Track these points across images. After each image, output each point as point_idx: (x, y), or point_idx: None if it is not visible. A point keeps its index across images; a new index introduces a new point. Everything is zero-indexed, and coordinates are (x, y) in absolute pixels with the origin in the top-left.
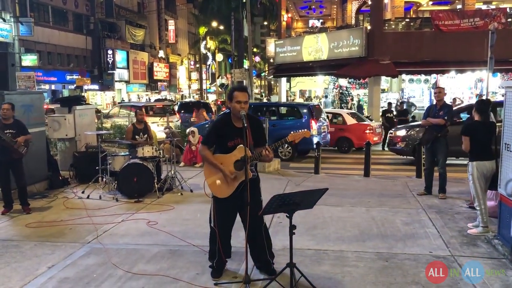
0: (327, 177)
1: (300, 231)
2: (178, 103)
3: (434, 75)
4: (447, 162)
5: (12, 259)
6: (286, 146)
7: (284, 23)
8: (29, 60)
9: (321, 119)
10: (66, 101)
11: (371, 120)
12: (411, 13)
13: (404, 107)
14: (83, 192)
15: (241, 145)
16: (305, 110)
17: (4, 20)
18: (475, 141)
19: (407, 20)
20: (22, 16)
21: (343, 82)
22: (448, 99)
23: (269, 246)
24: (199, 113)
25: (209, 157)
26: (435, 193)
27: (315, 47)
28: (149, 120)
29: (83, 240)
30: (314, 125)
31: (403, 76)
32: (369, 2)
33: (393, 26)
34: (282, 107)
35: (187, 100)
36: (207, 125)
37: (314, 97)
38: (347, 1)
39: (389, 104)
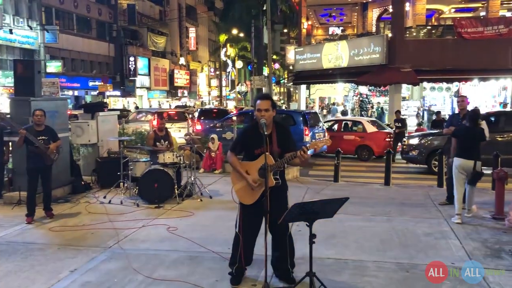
0: (346, 185)
1: (319, 239)
2: (199, 109)
3: (456, 83)
4: None
5: (36, 262)
6: None
7: (304, 31)
8: (53, 66)
9: (318, 126)
10: (89, 107)
11: (391, 128)
12: (433, 20)
13: (425, 116)
14: (104, 197)
15: (266, 153)
16: (299, 118)
17: (31, 28)
18: (461, 142)
19: (429, 27)
20: (47, 24)
21: (363, 89)
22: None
23: (292, 255)
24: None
25: (235, 164)
26: None
27: (335, 54)
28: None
29: (105, 244)
30: (308, 133)
31: (424, 84)
32: (390, 10)
33: (414, 34)
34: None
35: (207, 107)
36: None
37: (331, 104)
38: (367, 8)
39: (397, 112)
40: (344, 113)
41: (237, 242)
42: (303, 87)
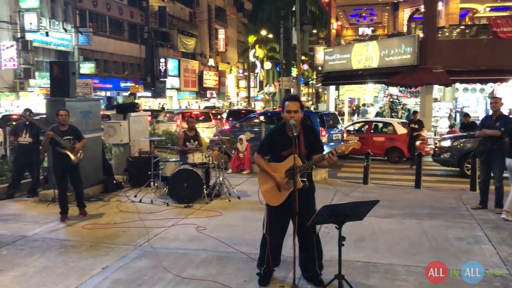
0: (376, 188)
1: (348, 242)
2: (227, 110)
3: (490, 84)
4: (504, 175)
5: (69, 258)
6: None
7: (333, 31)
8: (87, 68)
9: (336, 127)
10: (121, 108)
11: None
12: (467, 20)
13: (471, 120)
14: (135, 196)
15: (294, 154)
16: (316, 119)
17: (65, 30)
18: None
19: (462, 27)
20: (81, 27)
21: (393, 90)
22: (505, 110)
23: (320, 257)
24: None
25: (262, 165)
26: (491, 207)
27: (365, 55)
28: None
29: (135, 243)
30: (324, 133)
31: (457, 85)
32: (422, 10)
33: (447, 34)
34: None
35: (236, 107)
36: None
37: (362, 105)
38: (399, 8)
39: (415, 112)
40: (379, 114)
41: (265, 243)
42: (332, 88)
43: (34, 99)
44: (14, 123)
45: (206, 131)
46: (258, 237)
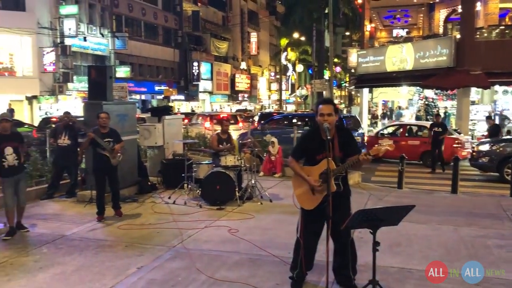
0: (411, 193)
1: (382, 247)
2: (259, 113)
3: None
4: None
5: (106, 258)
6: None
7: (367, 33)
8: (122, 71)
9: (357, 130)
10: (156, 111)
11: (459, 133)
12: (507, 20)
13: (497, 122)
14: (169, 198)
15: (328, 158)
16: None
17: (102, 35)
18: None
19: (502, 27)
20: (118, 32)
21: (429, 93)
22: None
23: (354, 262)
24: None
25: (296, 168)
26: None
27: (400, 57)
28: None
29: (169, 244)
30: None
31: (496, 87)
32: (459, 10)
33: (485, 34)
34: (308, 117)
35: (267, 110)
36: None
37: (395, 108)
38: (434, 9)
39: (437, 115)
40: (419, 118)
41: (298, 247)
42: (366, 90)
43: (72, 102)
44: (53, 125)
45: (233, 134)
46: (290, 240)
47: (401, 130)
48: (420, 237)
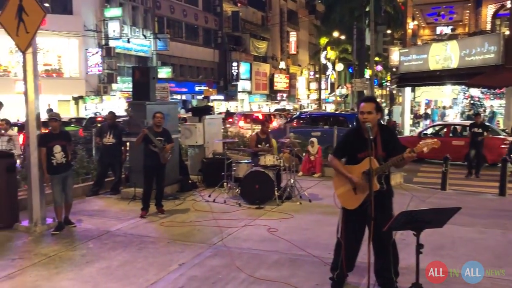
0: (455, 194)
1: (425, 250)
2: (298, 113)
3: None
4: None
5: (149, 254)
6: None
7: (409, 31)
8: (164, 72)
9: None
10: (197, 111)
11: (507, 133)
12: None
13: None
14: (209, 196)
15: (370, 157)
16: (353, 121)
17: (145, 37)
18: None
19: None
20: (160, 33)
21: (475, 92)
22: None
23: (396, 264)
24: None
25: (338, 167)
26: None
27: (444, 55)
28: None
29: (210, 241)
30: None
31: None
32: (509, 5)
33: None
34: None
35: (306, 110)
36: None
37: (439, 107)
38: (481, 5)
39: (477, 115)
40: (469, 118)
41: (339, 247)
42: (408, 89)
43: (116, 102)
44: (99, 124)
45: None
46: (330, 241)
47: (445, 130)
48: (465, 240)
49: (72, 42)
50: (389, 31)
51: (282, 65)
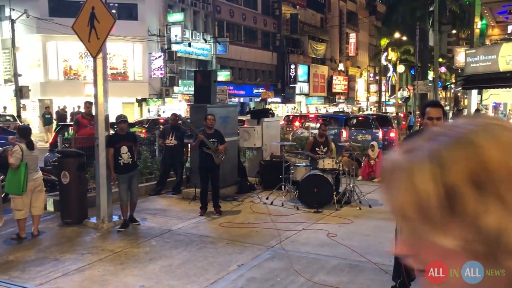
0: None
1: None
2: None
3: None
4: None
5: (208, 253)
6: None
7: (477, 31)
8: (223, 75)
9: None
10: (256, 113)
11: None
12: None
13: None
14: (267, 198)
15: None
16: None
17: (205, 41)
18: None
19: None
20: (219, 37)
21: None
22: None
23: None
24: None
25: None
26: None
27: None
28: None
29: (268, 244)
30: (346, 135)
31: None
32: None
33: None
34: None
35: (366, 113)
36: None
37: (509, 111)
38: None
39: None
40: None
41: None
42: (474, 92)
43: (177, 105)
44: (161, 126)
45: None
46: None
47: None
48: None
49: (136, 46)
50: (454, 31)
51: (340, 67)
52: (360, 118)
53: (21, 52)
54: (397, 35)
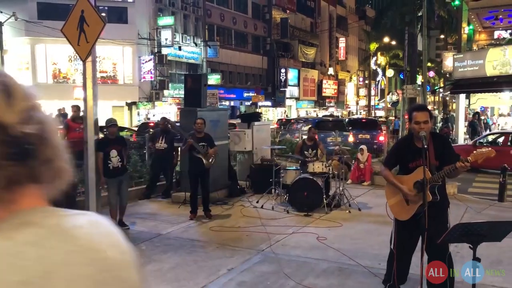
0: None
1: (483, 264)
2: (347, 119)
3: None
4: None
5: (199, 257)
6: None
7: (464, 36)
8: (213, 79)
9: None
10: (246, 117)
11: None
12: None
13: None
14: (257, 202)
15: (421, 167)
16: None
17: (196, 44)
18: None
19: None
20: (210, 40)
21: None
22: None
23: (451, 280)
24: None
25: (389, 177)
26: None
27: (502, 60)
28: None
29: (258, 247)
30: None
31: None
32: None
33: None
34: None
35: (356, 116)
36: None
37: (498, 115)
38: None
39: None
40: None
41: (392, 258)
42: (462, 96)
43: (167, 108)
44: (151, 130)
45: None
46: (380, 251)
47: (503, 138)
48: None
49: (126, 50)
50: (442, 36)
51: (330, 71)
52: (331, 120)
53: (9, 55)
54: (386, 39)
